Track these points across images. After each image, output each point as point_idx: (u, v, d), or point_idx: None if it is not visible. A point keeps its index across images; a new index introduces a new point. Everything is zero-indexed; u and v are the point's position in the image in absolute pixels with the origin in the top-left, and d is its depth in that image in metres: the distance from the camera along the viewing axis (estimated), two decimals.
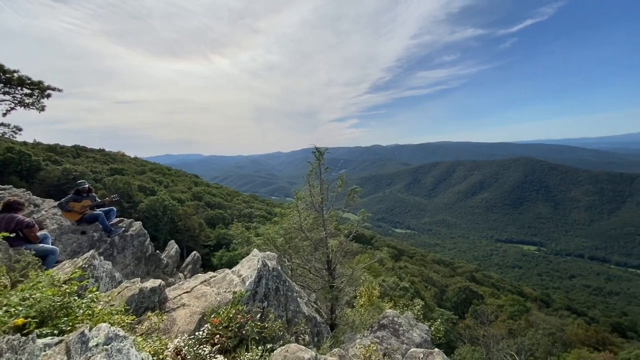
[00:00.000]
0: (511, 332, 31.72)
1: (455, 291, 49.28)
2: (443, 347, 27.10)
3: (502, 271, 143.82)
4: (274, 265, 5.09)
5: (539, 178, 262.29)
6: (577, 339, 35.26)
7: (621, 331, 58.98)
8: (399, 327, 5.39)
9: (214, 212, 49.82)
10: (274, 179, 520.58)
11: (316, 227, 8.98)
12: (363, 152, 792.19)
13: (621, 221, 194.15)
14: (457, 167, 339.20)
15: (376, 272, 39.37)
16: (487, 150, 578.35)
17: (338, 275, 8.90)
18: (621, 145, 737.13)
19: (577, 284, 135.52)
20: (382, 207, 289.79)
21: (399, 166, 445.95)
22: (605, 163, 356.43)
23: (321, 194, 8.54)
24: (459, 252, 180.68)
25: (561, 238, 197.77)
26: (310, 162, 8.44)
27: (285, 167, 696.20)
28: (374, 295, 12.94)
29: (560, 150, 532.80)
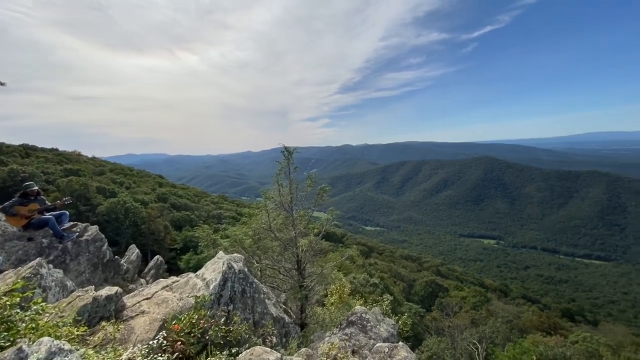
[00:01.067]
0: (474, 321, 33.47)
1: (422, 285, 51.20)
2: (411, 340, 28.05)
3: (465, 264, 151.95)
4: (241, 267, 4.98)
5: (497, 176, 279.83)
6: (531, 325, 37.99)
7: (570, 316, 64.58)
8: (367, 323, 5.50)
9: (180, 214, 47.89)
10: (244, 179, 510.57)
11: (286, 227, 8.92)
12: (334, 151, 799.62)
13: (568, 215, 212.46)
14: (423, 166, 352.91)
15: (347, 269, 39.91)
16: (451, 150, 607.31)
17: (308, 275, 8.90)
18: (569, 145, 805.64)
19: (532, 274, 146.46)
20: (353, 206, 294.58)
21: (368, 165, 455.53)
22: (556, 162, 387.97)
23: (290, 193, 8.49)
24: (425, 247, 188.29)
25: (517, 232, 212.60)
26: (280, 161, 8.37)
27: (256, 167, 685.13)
28: (344, 292, 13.11)
29: (516, 150, 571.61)
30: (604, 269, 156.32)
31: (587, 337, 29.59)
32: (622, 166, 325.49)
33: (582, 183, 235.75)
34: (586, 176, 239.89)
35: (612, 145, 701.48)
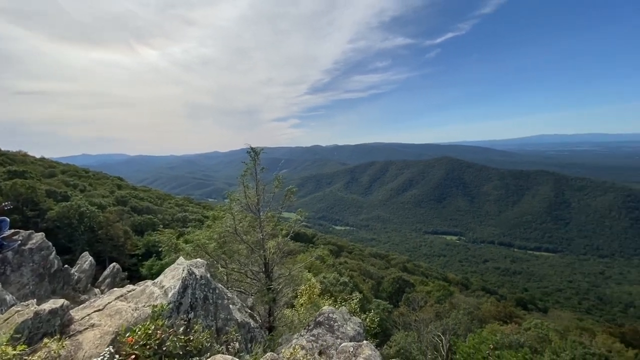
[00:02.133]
0: (438, 314, 34.94)
1: (390, 282, 52.64)
2: (380, 336, 28.67)
3: (430, 260, 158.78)
4: (202, 272, 4.78)
5: (458, 175, 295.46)
6: (490, 315, 40.43)
7: (523, 305, 69.69)
8: (334, 323, 5.53)
9: (142, 217, 45.28)
10: (211, 180, 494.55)
11: (252, 229, 8.72)
12: (304, 152, 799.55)
13: (521, 211, 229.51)
14: (389, 167, 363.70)
15: (318, 269, 39.99)
16: (416, 151, 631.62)
17: (276, 277, 8.78)
18: (520, 146, 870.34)
19: (490, 267, 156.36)
20: (323, 206, 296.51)
21: (338, 166, 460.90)
22: (509, 162, 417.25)
23: (257, 195, 8.31)
24: (392, 245, 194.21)
25: (477, 228, 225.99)
26: (246, 162, 8.15)
27: (224, 168, 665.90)
28: (314, 293, 13.11)
29: (475, 151, 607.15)
30: (552, 260, 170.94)
31: (538, 323, 32.07)
32: (566, 166, 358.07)
33: (533, 182, 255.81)
34: (536, 175, 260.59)
35: (557, 147, 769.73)
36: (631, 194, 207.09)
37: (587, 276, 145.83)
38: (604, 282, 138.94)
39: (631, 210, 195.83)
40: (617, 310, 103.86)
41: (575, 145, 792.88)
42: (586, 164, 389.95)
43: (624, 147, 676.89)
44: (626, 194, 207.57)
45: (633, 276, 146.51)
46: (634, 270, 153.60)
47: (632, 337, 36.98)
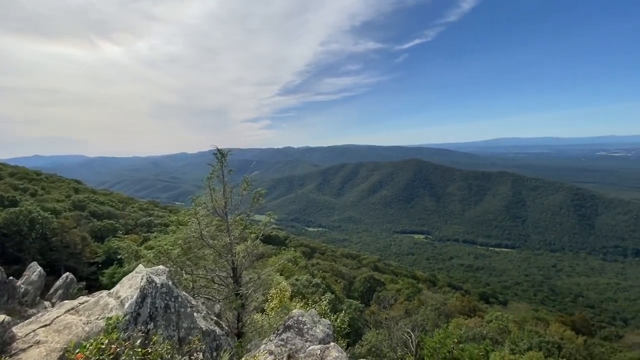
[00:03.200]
0: (407, 312, 35.97)
1: (361, 281, 53.44)
2: (352, 335, 28.95)
3: (399, 259, 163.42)
4: (164, 280, 4.55)
5: (425, 177, 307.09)
6: (455, 309, 42.30)
7: (486, 298, 73.73)
8: (303, 326, 5.50)
9: (102, 223, 42.52)
10: (179, 182, 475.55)
11: (220, 233, 8.45)
12: (275, 153, 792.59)
13: (483, 210, 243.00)
14: (360, 168, 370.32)
15: (290, 272, 39.69)
16: (385, 153, 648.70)
17: (245, 282, 8.56)
18: (482, 149, 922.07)
19: (455, 263, 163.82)
20: (296, 208, 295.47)
21: (310, 167, 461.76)
22: (472, 163, 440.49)
23: (224, 198, 8.07)
24: (364, 245, 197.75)
25: (443, 227, 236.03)
26: (212, 164, 7.89)
27: (192, 169, 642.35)
28: (285, 296, 12.97)
29: (441, 153, 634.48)
30: (511, 256, 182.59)
31: (499, 316, 34.07)
32: (522, 167, 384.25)
33: (493, 182, 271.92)
34: (496, 176, 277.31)
35: (515, 150, 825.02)
36: (578, 193, 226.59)
37: (541, 269, 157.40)
38: (555, 275, 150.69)
39: (578, 208, 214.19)
40: (568, 300, 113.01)
41: (530, 148, 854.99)
42: (540, 166, 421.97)
43: (571, 150, 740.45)
44: (574, 193, 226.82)
45: (581, 268, 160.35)
46: (582, 263, 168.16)
47: (581, 325, 40.40)
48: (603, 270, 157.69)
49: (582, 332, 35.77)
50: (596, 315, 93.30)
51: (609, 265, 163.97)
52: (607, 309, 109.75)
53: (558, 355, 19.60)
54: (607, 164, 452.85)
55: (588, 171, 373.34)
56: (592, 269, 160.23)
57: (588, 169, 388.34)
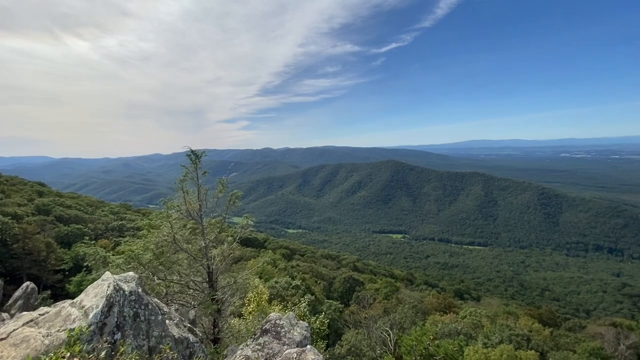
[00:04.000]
0: (386, 310, 36.51)
1: (341, 282, 53.69)
2: (332, 336, 28.95)
3: (378, 258, 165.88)
4: (133, 287, 4.34)
5: (402, 177, 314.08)
6: (432, 307, 43.40)
7: (460, 295, 76.15)
8: (281, 329, 5.43)
9: (69, 228, 40.23)
10: (152, 184, 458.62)
11: (195, 237, 8.19)
12: (254, 154, 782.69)
13: (457, 209, 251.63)
14: (340, 170, 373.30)
15: (269, 274, 39.26)
16: (364, 154, 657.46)
17: (221, 286, 8.34)
18: (456, 150, 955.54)
19: (431, 261, 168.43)
20: (275, 209, 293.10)
21: (289, 169, 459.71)
22: (447, 165, 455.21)
23: (199, 200, 7.83)
24: (343, 245, 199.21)
25: (419, 226, 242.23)
26: (186, 166, 7.63)
27: (167, 171, 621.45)
28: (263, 300, 12.80)
29: (417, 155, 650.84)
30: (483, 253, 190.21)
31: (473, 311, 35.37)
32: (493, 168, 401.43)
33: (466, 182, 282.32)
34: (469, 177, 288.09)
35: (486, 151, 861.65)
36: (544, 192, 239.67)
37: (511, 266, 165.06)
38: (524, 270, 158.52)
39: (544, 207, 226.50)
40: (536, 294, 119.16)
41: (500, 150, 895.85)
42: (509, 166, 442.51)
43: (537, 152, 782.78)
44: (540, 192, 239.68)
45: (547, 264, 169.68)
46: (548, 259, 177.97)
47: (548, 317, 42.65)
48: (567, 265, 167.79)
49: (549, 324, 37.79)
50: (561, 308, 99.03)
51: (572, 260, 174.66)
52: (571, 302, 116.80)
53: (527, 347, 20.57)
54: (569, 164, 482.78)
55: (552, 171, 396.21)
56: (557, 264, 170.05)
57: (552, 170, 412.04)
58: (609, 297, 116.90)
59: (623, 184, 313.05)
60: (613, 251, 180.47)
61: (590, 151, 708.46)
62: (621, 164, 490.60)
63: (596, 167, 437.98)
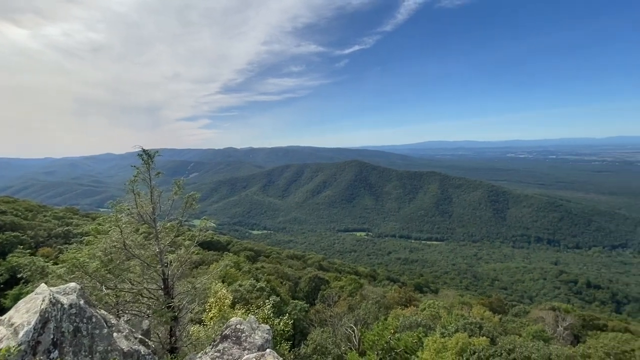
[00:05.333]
0: (350, 307, 37.18)
1: (306, 281, 53.69)
2: (298, 336, 28.85)
3: (343, 256, 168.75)
4: (73, 300, 3.95)
5: (365, 177, 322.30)
6: (394, 301, 44.99)
7: (420, 289, 79.77)
8: (242, 334, 5.29)
9: (3, 236, 35.97)
10: (103, 186, 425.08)
11: (148, 241, 7.67)
12: (216, 154, 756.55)
13: (416, 207, 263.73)
14: (305, 169, 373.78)
15: (233, 277, 38.16)
16: (328, 154, 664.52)
17: (178, 293, 7.92)
18: (415, 151, 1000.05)
19: (393, 257, 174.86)
20: (239, 211, 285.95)
21: (253, 169, 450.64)
22: (406, 164, 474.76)
23: (152, 203, 7.35)
24: (309, 245, 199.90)
25: (381, 224, 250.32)
26: (137, 166, 7.12)
27: (119, 172, 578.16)
28: (225, 304, 12.39)
29: (379, 155, 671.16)
30: (440, 248, 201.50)
31: (431, 303, 37.25)
32: (448, 167, 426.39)
33: (424, 181, 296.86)
34: (427, 176, 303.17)
35: (442, 152, 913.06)
36: (493, 189, 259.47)
37: (465, 258, 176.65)
38: (477, 263, 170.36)
39: (493, 203, 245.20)
40: (487, 284, 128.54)
41: (455, 150, 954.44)
42: (462, 166, 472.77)
43: (487, 152, 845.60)
44: (490, 189, 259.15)
45: (496, 256, 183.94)
46: (497, 251, 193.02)
47: (497, 305, 46.22)
48: (513, 256, 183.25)
49: (498, 311, 40.95)
50: (509, 296, 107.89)
51: (517, 252, 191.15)
52: (517, 289, 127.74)
53: (479, 334, 22.08)
54: (514, 164, 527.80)
55: (500, 170, 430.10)
56: (505, 255, 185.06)
57: (500, 169, 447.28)
58: (548, 284, 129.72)
59: (559, 181, 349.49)
60: (551, 242, 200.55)
61: (532, 152, 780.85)
62: (557, 163, 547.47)
63: (537, 167, 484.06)
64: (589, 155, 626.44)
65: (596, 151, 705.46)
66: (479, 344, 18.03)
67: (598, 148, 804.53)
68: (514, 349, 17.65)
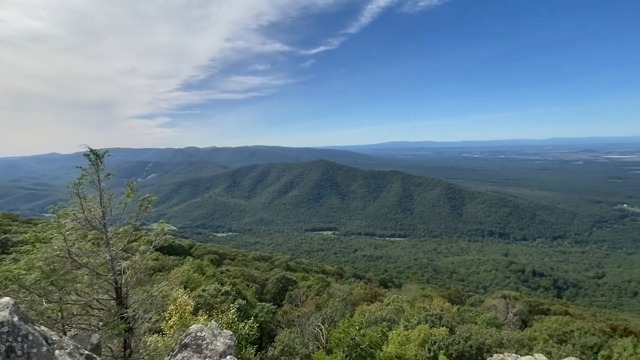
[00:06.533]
0: (318, 306, 37.33)
1: (273, 283, 53.06)
2: (265, 338, 28.39)
3: (310, 256, 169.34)
4: (5, 317, 3.52)
5: (331, 177, 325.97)
6: (360, 297, 45.96)
7: (385, 284, 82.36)
8: (202, 341, 5.07)
9: None
10: (48, 189, 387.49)
11: (98, 248, 7.08)
12: (177, 154, 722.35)
13: (380, 205, 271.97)
14: (271, 169, 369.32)
15: (196, 282, 36.66)
16: (295, 154, 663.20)
17: (132, 302, 7.40)
18: (378, 151, 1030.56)
19: (359, 255, 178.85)
20: (202, 213, 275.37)
21: (217, 169, 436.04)
22: (371, 164, 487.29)
23: (101, 207, 6.80)
24: (276, 245, 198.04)
25: (347, 222, 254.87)
26: (83, 167, 6.54)
27: (67, 173, 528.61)
28: (186, 311, 11.85)
29: (344, 155, 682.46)
30: (403, 244, 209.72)
31: (395, 298, 38.56)
32: (409, 167, 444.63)
33: (387, 180, 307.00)
34: (390, 175, 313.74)
35: (404, 152, 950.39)
36: (450, 187, 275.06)
37: (426, 253, 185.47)
38: (436, 257, 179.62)
39: (450, 200, 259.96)
40: (446, 277, 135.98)
41: (416, 150, 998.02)
42: (422, 165, 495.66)
43: (446, 152, 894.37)
44: (447, 187, 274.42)
45: (454, 249, 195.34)
46: (455, 245, 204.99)
47: (455, 296, 49.01)
48: (469, 249, 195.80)
49: (456, 302, 43.43)
50: (465, 287, 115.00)
51: (473, 245, 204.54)
52: (473, 280, 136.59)
53: (440, 325, 23.28)
54: (469, 163, 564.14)
55: (457, 169, 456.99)
56: (461, 249, 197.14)
57: (457, 168, 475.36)
58: (500, 274, 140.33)
59: (508, 178, 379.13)
60: (502, 235, 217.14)
61: (485, 152, 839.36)
62: (506, 162, 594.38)
63: (489, 165, 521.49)
64: (533, 155, 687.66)
65: (539, 151, 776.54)
66: (439, 334, 19.02)
67: (540, 148, 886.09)
68: (471, 337, 18.86)
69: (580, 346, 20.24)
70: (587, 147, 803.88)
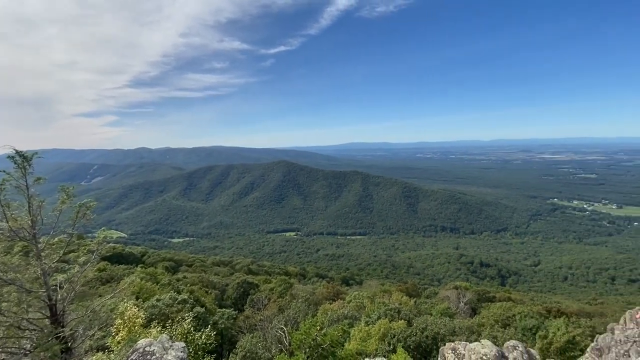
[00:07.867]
0: (280, 308, 36.90)
1: (234, 287, 51.45)
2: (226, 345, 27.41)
3: (272, 258, 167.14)
4: None
5: (293, 177, 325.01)
6: (323, 297, 46.24)
7: (346, 282, 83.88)
8: (152, 356, 4.72)
9: None
10: None
11: (29, 262, 6.28)
12: (126, 155, 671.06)
13: (341, 205, 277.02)
14: (231, 171, 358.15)
15: (150, 292, 34.31)
16: (255, 155, 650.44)
17: (71, 320, 6.68)
18: (339, 152, 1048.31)
19: (321, 254, 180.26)
20: (155, 218, 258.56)
21: (172, 171, 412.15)
22: (332, 164, 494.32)
23: (30, 215, 6.06)
24: (237, 249, 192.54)
25: (310, 222, 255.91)
26: (7, 171, 5.76)
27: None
28: (136, 324, 11.02)
29: (306, 155, 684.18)
30: (363, 242, 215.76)
31: (357, 295, 39.42)
32: (368, 167, 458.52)
33: (348, 180, 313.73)
34: (350, 175, 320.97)
35: (363, 152, 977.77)
36: (406, 186, 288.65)
37: (385, 250, 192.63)
38: (394, 253, 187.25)
39: (406, 198, 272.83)
40: (403, 271, 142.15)
41: (374, 151, 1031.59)
42: (380, 165, 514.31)
43: (400, 153, 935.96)
44: (404, 186, 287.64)
45: (410, 245, 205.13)
46: (411, 241, 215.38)
47: (412, 290, 51.34)
48: (424, 244, 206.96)
49: (413, 295, 45.54)
50: (421, 280, 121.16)
51: (427, 240, 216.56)
52: (428, 274, 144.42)
53: (398, 318, 24.24)
54: (422, 163, 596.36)
55: (412, 169, 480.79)
56: (417, 244, 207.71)
57: (412, 167, 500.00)
58: (452, 267, 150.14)
59: (457, 177, 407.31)
60: (453, 230, 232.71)
61: (436, 152, 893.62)
62: (456, 162, 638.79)
63: (440, 165, 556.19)
64: (479, 155, 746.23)
65: (484, 151, 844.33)
66: (398, 327, 19.79)
67: (485, 149, 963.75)
68: (427, 327, 19.90)
69: (521, 329, 22.34)
70: (524, 147, 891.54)
